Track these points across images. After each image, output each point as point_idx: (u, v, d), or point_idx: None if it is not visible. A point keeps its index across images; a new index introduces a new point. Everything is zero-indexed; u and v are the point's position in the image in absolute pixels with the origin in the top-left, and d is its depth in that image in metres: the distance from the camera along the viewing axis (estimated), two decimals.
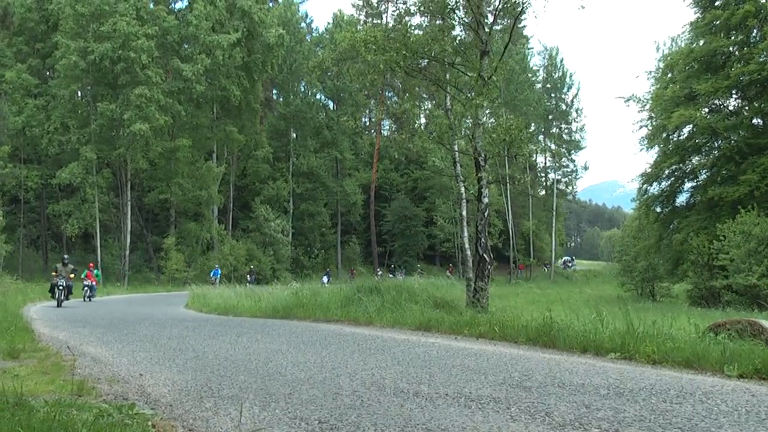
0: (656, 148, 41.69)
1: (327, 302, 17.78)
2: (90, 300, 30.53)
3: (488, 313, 14.42)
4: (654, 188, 41.70)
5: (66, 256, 28.75)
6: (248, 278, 47.91)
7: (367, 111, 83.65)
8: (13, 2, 52.15)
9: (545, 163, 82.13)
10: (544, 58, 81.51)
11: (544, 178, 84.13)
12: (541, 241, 78.34)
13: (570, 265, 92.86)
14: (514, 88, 66.92)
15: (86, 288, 30.96)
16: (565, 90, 78.68)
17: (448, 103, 19.99)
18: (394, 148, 66.31)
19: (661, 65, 45.87)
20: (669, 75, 42.44)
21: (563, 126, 79.07)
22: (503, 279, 62.67)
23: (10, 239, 52.32)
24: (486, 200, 17.67)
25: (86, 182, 48.53)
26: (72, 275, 26.53)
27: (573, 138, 78.58)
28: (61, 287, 25.36)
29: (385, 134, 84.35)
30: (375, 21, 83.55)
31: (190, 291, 34.23)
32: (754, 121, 37.72)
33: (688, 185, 40.74)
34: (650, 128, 42.19)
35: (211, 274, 47.23)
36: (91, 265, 33.65)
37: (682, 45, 43.29)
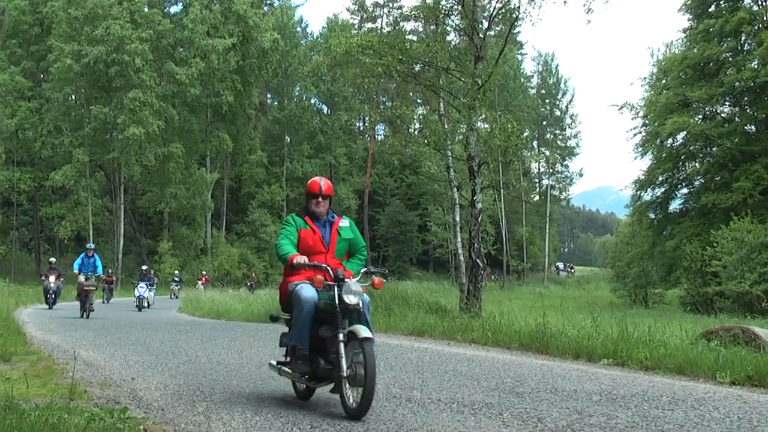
0: (650, 155, 41.81)
1: None
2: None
3: (481, 319, 14.43)
4: (648, 195, 41.81)
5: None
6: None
7: (361, 115, 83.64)
8: (6, 4, 52.06)
9: (539, 169, 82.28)
10: (538, 64, 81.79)
11: (537, 184, 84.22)
12: (534, 246, 78.39)
13: (571, 270, 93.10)
14: (508, 94, 67.05)
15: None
16: (559, 96, 78.86)
17: (442, 108, 20.02)
18: (390, 152, 66.41)
19: (655, 71, 46.05)
20: (663, 81, 42.58)
21: (558, 132, 79.21)
22: (496, 284, 62.66)
23: (2, 242, 52.31)
24: (479, 206, 17.67)
25: (79, 185, 48.47)
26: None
27: (567, 144, 78.69)
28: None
29: (380, 139, 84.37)
30: (369, 25, 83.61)
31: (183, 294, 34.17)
32: (748, 128, 37.84)
33: (681, 192, 40.87)
34: (644, 135, 42.29)
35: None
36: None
37: (677, 51, 43.45)
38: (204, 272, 50.02)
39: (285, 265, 6.16)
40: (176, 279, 43.97)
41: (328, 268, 5.92)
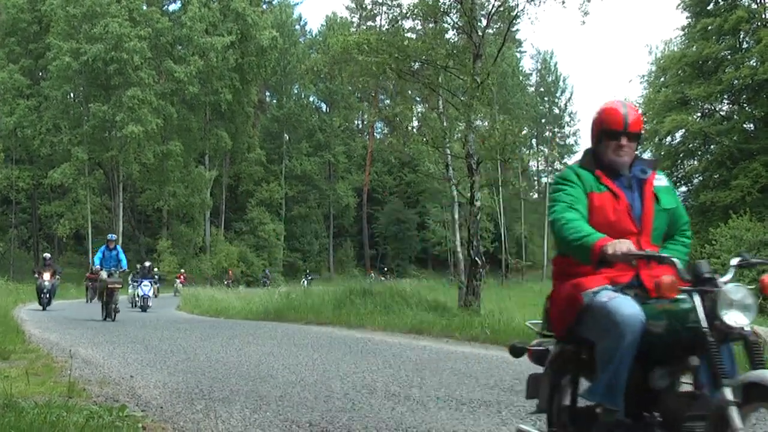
0: (648, 153, 41.84)
1: (319, 305, 17.77)
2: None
3: (480, 316, 14.42)
4: None
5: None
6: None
7: (360, 113, 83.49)
8: (4, 3, 52.00)
9: (538, 167, 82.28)
10: (537, 61, 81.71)
11: (536, 182, 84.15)
12: (533, 244, 78.31)
13: None
14: (507, 92, 66.97)
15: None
16: (558, 94, 78.83)
17: (441, 107, 20.00)
18: (388, 151, 66.33)
19: (654, 69, 46.09)
20: (662, 79, 42.61)
21: (556, 130, 79.18)
22: (494, 282, 62.60)
23: (1, 240, 52.25)
24: (478, 204, 17.67)
25: (78, 183, 48.45)
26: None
27: (566, 142, 78.68)
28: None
29: (378, 137, 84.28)
30: (369, 23, 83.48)
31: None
32: (746, 125, 37.88)
33: (680, 190, 40.88)
34: (642, 133, 42.35)
35: None
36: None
37: (675, 49, 43.49)
38: (182, 271, 49.47)
39: (580, 257, 3.20)
40: (155, 277, 43.07)
41: (677, 261, 3.11)
